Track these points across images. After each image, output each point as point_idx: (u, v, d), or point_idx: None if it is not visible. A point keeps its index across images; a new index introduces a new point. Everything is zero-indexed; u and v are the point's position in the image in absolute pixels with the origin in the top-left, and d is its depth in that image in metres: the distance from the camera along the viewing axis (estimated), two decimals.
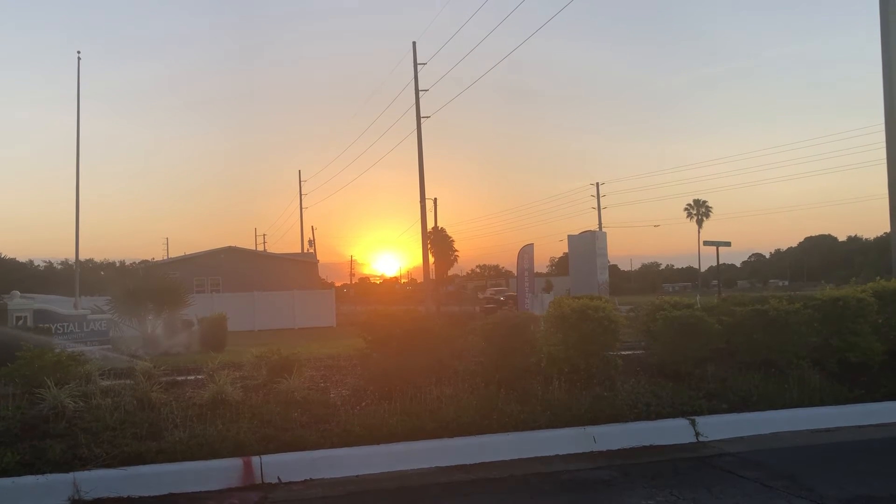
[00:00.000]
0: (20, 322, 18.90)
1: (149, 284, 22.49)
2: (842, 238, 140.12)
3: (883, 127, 15.35)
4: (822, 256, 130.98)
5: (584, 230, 36.78)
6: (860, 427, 10.17)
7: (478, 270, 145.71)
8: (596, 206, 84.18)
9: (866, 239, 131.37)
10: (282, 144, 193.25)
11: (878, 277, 13.75)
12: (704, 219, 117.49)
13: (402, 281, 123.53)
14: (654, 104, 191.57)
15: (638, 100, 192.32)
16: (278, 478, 7.89)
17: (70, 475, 7.41)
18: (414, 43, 46.08)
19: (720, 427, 9.70)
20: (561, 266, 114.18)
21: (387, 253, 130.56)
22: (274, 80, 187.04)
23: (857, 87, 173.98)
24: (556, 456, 8.83)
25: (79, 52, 38.46)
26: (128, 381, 10.54)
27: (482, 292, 75.58)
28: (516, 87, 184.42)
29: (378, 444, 8.51)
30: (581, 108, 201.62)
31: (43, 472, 7.44)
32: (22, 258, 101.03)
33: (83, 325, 20.58)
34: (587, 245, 33.51)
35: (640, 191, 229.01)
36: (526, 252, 27.34)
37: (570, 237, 35.57)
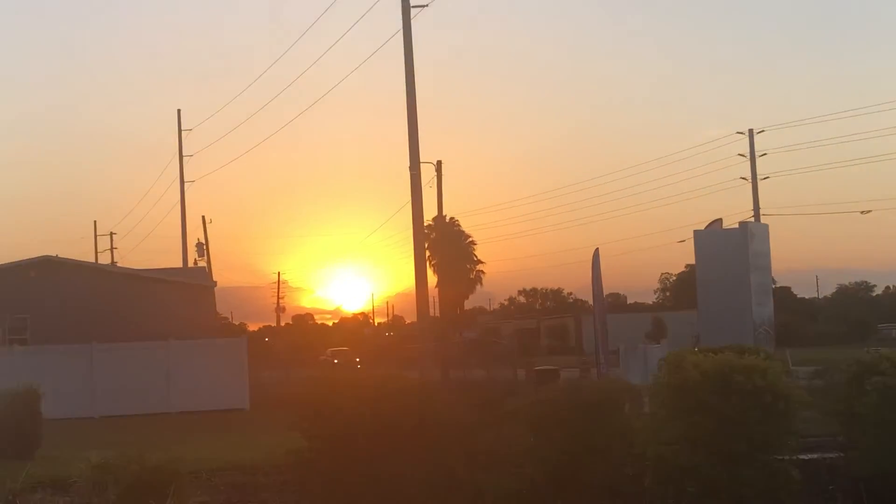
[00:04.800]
0: None
1: None
2: None
3: None
4: None
5: (714, 220, 23.89)
6: None
7: (521, 299, 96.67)
8: (747, 176, 46.07)
9: None
10: (143, 77, 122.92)
11: None
12: None
13: (377, 322, 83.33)
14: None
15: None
16: None
17: None
18: None
19: None
20: (680, 291, 69.44)
21: (346, 270, 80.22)
22: None
23: None
24: None
25: None
26: None
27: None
28: None
29: None
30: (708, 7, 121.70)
31: None
32: None
33: None
34: (731, 249, 21.63)
35: (828, 147, 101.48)
36: (594, 265, 19.78)
37: (697, 235, 22.86)
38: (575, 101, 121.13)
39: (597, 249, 19.65)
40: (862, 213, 53.76)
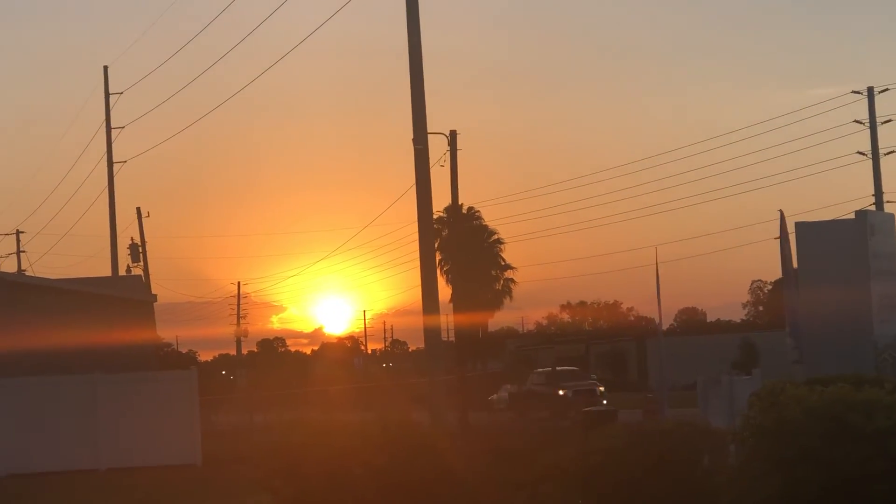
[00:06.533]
0: None
1: None
2: None
3: None
4: None
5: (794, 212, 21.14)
6: None
7: (564, 317, 79.37)
8: (865, 149, 38.24)
9: None
10: (57, 23, 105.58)
11: None
12: None
13: (370, 349, 70.19)
14: None
15: None
16: None
17: None
18: None
19: None
20: (777, 305, 52.56)
21: (329, 280, 66.59)
22: None
23: None
24: None
25: None
26: None
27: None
28: None
29: None
30: None
31: None
32: None
33: None
34: (845, 248, 18.59)
35: None
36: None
37: (800, 229, 19.27)
38: (631, 53, 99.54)
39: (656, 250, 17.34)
40: None
